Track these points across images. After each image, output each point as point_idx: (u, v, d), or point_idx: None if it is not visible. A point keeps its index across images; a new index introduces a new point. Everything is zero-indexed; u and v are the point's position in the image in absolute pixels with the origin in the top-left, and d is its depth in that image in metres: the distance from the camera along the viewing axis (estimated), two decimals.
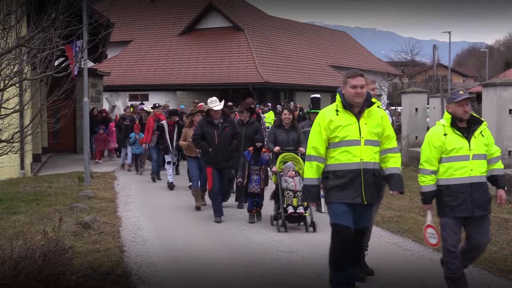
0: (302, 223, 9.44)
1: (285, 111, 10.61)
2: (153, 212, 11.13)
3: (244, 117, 11.75)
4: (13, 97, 6.23)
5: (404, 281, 6.60)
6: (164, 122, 14.48)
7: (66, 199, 11.76)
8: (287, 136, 10.32)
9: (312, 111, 11.05)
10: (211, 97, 10.51)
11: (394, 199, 11.29)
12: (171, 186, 14.12)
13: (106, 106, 31.59)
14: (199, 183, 11.53)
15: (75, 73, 14.65)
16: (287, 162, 9.82)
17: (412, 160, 17.51)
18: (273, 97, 37.24)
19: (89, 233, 8.89)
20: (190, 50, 40.27)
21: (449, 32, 49.25)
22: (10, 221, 9.73)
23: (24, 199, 11.93)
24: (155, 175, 15.73)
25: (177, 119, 14.78)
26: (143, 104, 26.02)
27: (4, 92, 5.64)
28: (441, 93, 23.20)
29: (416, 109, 19.21)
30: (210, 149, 10.11)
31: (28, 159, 16.91)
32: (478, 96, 50.47)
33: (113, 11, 42.61)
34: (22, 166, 16.35)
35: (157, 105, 16.66)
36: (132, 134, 17.43)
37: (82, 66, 14.51)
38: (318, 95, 11.73)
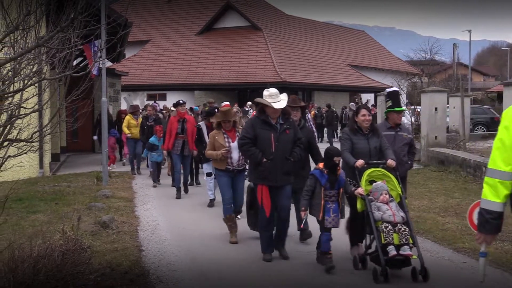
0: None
1: (363, 111, 7.75)
2: (171, 211, 11.17)
3: (297, 118, 8.57)
4: (32, 96, 6.29)
5: (423, 281, 6.55)
6: (202, 123, 12.07)
7: (84, 199, 11.84)
8: (367, 143, 7.60)
9: (397, 109, 8.21)
10: (270, 89, 7.73)
11: (414, 199, 11.23)
12: (211, 205, 11.52)
13: (124, 105, 31.77)
14: (233, 206, 9.04)
15: (95, 72, 14.75)
16: (374, 181, 7.25)
17: (431, 160, 17.39)
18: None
19: (107, 233, 8.94)
20: (208, 49, 40.36)
21: (470, 31, 48.86)
22: (30, 220, 9.82)
23: (43, 198, 12.04)
24: (180, 191, 12.85)
25: (213, 120, 11.62)
26: (157, 103, 25.94)
27: (24, 92, 5.70)
28: (461, 93, 23.01)
29: (436, 109, 19.06)
30: (265, 159, 7.43)
31: (47, 159, 17.05)
32: (499, 96, 50.04)
33: (131, 11, 42.88)
34: (41, 166, 16.50)
35: (181, 101, 13.25)
36: (152, 139, 14.58)
37: (101, 66, 14.60)
38: (396, 88, 8.77)
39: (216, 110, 12.06)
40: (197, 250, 8.15)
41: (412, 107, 25.53)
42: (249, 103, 24.54)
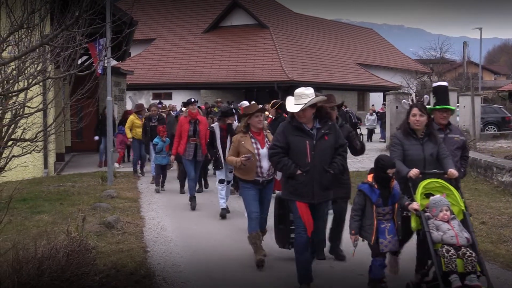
0: None
1: (414, 110, 6.60)
2: (176, 212, 11.18)
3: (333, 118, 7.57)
4: (37, 96, 6.30)
5: None
6: (215, 125, 10.81)
7: (89, 199, 11.87)
8: (422, 149, 6.53)
9: (439, 107, 7.12)
10: (299, 88, 6.60)
11: None
12: (223, 215, 10.48)
13: (129, 104, 31.83)
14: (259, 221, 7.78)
15: (100, 71, 14.77)
16: (432, 194, 6.11)
17: None
18: None
19: (112, 233, 8.96)
20: (214, 48, 40.38)
21: (480, 29, 48.71)
22: (34, 221, 9.86)
23: (47, 198, 12.08)
24: (194, 200, 11.63)
25: (230, 121, 10.73)
26: (161, 103, 25.82)
27: (28, 91, 5.71)
28: (471, 92, 22.93)
29: None
30: (299, 172, 6.31)
31: (52, 158, 17.11)
32: (510, 95, 49.85)
33: (136, 9, 42.96)
34: (45, 165, 16.55)
35: (192, 100, 11.90)
36: (156, 140, 13.84)
37: (106, 65, 14.63)
38: (444, 83, 7.48)
39: (233, 110, 11.08)
40: (203, 251, 8.15)
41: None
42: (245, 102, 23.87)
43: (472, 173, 14.41)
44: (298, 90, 6.49)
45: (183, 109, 15.10)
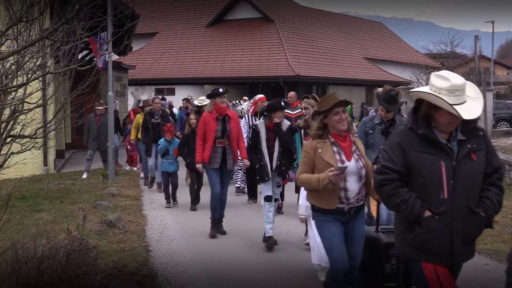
0: None
1: None
2: (179, 210, 11.18)
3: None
4: (36, 91, 6.32)
5: None
6: (260, 123, 8.51)
7: (90, 197, 11.89)
8: None
9: None
10: (443, 72, 4.08)
11: None
12: (271, 246, 8.14)
13: (131, 100, 31.88)
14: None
15: (101, 65, 14.78)
16: None
17: None
18: (305, 91, 37.14)
19: (113, 232, 8.98)
20: (218, 42, 40.35)
21: (493, 22, 48.48)
22: (34, 219, 9.88)
23: (47, 196, 12.11)
24: (218, 222, 9.30)
25: (278, 120, 8.31)
26: (165, 99, 25.62)
27: (27, 86, 5.73)
28: (483, 87, 22.87)
29: None
30: (429, 213, 4.05)
31: (52, 156, 17.14)
32: None
33: (138, 2, 42.88)
34: (45, 163, 16.59)
35: (220, 90, 9.17)
36: (161, 141, 11.74)
37: (107, 59, 14.65)
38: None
39: (281, 104, 8.43)
40: (206, 251, 8.16)
41: None
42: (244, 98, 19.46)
43: None
44: (455, 81, 3.98)
45: (197, 102, 13.22)
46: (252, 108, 12.20)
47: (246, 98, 17.93)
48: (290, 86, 34.90)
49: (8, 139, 5.75)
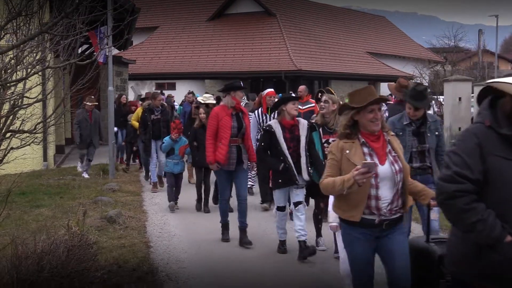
0: None
1: None
2: (180, 206, 11.18)
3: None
4: (36, 86, 6.32)
5: None
6: (274, 122, 7.59)
7: (90, 192, 11.90)
8: None
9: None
10: None
11: None
12: (305, 254, 7.37)
13: (132, 95, 31.86)
14: None
15: (102, 60, 14.77)
16: None
17: None
18: (307, 86, 37.10)
19: (114, 228, 8.99)
20: (219, 36, 40.32)
21: (497, 16, 48.43)
22: (33, 215, 9.90)
23: (47, 192, 12.12)
24: (227, 230, 8.67)
25: (292, 113, 7.54)
26: (163, 94, 25.41)
27: (27, 80, 5.72)
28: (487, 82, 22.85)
29: (460, 99, 18.93)
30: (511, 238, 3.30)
31: (51, 151, 17.14)
32: None
33: None
34: (45, 158, 16.59)
35: (238, 84, 8.61)
36: (166, 139, 10.96)
37: (107, 54, 14.64)
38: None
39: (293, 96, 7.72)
40: (207, 246, 8.17)
41: (434, 96, 25.40)
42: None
43: None
44: None
45: (201, 99, 12.49)
46: (256, 104, 11.50)
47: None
48: (291, 81, 34.86)
49: (8, 134, 5.75)
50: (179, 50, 40.62)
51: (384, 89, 44.93)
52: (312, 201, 8.49)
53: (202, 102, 12.30)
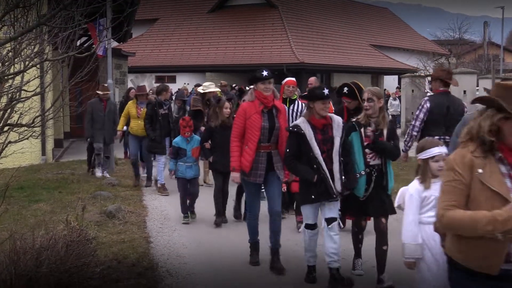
0: None
1: None
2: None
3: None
4: (34, 79, 6.32)
5: None
6: (301, 122, 6.30)
7: (89, 187, 11.91)
8: None
9: None
10: None
11: None
12: (312, 279, 6.46)
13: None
14: None
15: (101, 53, 14.76)
16: None
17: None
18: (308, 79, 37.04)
19: (113, 223, 8.99)
20: (220, 28, 40.27)
21: (502, 7, 48.29)
22: (32, 210, 9.91)
23: (45, 186, 12.13)
24: (256, 251, 7.29)
25: (323, 113, 6.24)
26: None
27: (25, 73, 5.73)
28: (492, 74, 22.81)
29: (465, 92, 18.94)
30: None
31: (50, 145, 17.16)
32: None
33: None
34: (43, 152, 16.61)
35: (264, 74, 6.80)
36: (176, 140, 9.56)
37: (106, 46, 14.64)
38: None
39: (325, 90, 6.21)
40: (208, 241, 8.18)
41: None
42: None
43: None
44: None
45: (200, 89, 11.95)
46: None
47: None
48: (293, 74, 34.82)
49: (6, 128, 5.76)
50: (180, 42, 40.58)
51: (388, 82, 44.93)
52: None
53: (202, 92, 11.98)
